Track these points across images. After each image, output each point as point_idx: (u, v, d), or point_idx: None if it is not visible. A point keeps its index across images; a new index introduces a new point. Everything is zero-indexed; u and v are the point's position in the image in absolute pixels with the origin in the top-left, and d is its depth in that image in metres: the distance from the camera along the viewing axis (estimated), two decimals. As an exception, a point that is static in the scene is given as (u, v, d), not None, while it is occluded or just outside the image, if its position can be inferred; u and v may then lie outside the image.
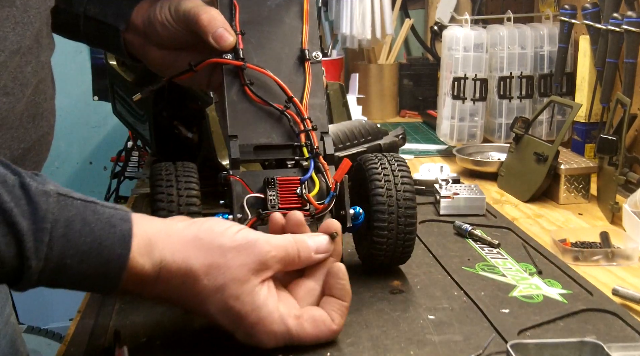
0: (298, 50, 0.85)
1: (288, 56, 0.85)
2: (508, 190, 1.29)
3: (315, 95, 0.84)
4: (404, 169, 0.84)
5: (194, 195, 0.76)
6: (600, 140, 1.16)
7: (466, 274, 0.88)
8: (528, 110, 1.52)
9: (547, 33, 1.52)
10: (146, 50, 0.87)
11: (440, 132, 1.57)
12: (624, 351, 0.66)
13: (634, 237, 1.00)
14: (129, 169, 1.84)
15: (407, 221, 0.82)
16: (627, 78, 1.26)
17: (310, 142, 0.80)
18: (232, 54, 0.82)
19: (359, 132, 1.14)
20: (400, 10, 2.05)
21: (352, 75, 1.99)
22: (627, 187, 1.17)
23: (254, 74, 0.82)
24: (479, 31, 1.50)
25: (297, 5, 0.87)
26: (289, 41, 0.86)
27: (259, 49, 0.84)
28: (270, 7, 0.86)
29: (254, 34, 0.85)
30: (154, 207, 0.75)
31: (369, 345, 0.70)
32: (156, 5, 0.85)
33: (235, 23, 0.84)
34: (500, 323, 0.75)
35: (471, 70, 1.49)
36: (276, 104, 0.82)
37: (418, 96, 2.05)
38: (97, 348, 0.71)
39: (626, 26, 1.23)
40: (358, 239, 0.88)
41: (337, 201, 0.79)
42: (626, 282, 0.90)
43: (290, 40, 0.86)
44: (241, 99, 0.82)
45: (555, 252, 0.98)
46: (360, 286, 0.83)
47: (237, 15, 0.84)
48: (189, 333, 0.73)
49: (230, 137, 0.80)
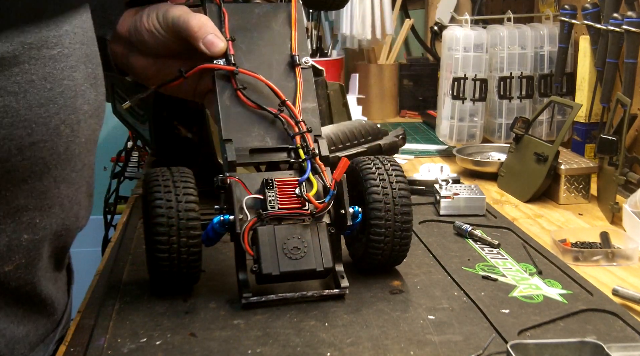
0: (288, 56, 0.86)
1: (278, 62, 0.85)
2: (508, 190, 1.29)
3: (307, 100, 0.84)
4: (397, 168, 0.85)
5: (193, 200, 0.76)
6: (600, 140, 1.16)
7: (466, 274, 0.88)
8: (528, 111, 1.53)
9: (547, 33, 1.52)
10: (130, 60, 0.86)
11: (440, 132, 1.57)
12: (624, 351, 0.66)
13: (634, 237, 1.00)
14: (128, 169, 1.84)
15: (404, 218, 0.82)
16: (627, 78, 1.26)
17: (306, 143, 0.81)
18: (223, 60, 0.82)
19: (359, 132, 1.14)
20: (400, 10, 2.05)
21: (352, 75, 1.99)
22: (627, 187, 1.17)
23: (246, 79, 0.83)
24: (479, 31, 1.50)
25: (285, 12, 0.88)
26: (279, 47, 0.86)
27: (249, 55, 0.84)
28: (258, 14, 0.87)
29: (243, 40, 0.85)
30: (152, 213, 0.75)
31: (369, 345, 0.70)
32: (142, 13, 0.83)
33: (225, 29, 0.84)
34: (500, 323, 0.75)
35: (471, 70, 1.49)
36: (269, 108, 0.82)
37: (418, 96, 2.05)
38: (97, 348, 0.71)
39: (626, 26, 1.23)
40: (351, 241, 0.88)
41: (336, 200, 0.79)
42: (626, 282, 0.90)
43: (280, 46, 0.86)
44: (234, 104, 0.82)
45: (556, 252, 0.98)
46: (360, 286, 0.83)
47: (226, 21, 0.84)
48: (189, 333, 0.73)
49: (224, 141, 0.80)
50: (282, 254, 0.76)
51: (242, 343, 0.71)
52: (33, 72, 0.57)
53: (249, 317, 0.76)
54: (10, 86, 0.55)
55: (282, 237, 0.77)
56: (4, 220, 0.59)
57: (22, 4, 0.56)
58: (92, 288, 0.87)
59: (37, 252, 0.63)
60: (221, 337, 0.72)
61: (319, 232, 0.78)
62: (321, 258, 0.77)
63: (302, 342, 0.71)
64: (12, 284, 0.62)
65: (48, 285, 0.68)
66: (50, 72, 0.58)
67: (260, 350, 0.69)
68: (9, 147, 0.56)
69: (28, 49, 0.56)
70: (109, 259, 0.95)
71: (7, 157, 0.57)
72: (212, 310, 0.78)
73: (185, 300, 0.80)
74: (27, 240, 0.62)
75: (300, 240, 0.77)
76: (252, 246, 0.76)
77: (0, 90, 0.55)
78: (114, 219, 1.82)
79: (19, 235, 0.61)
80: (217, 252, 0.91)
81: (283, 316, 0.76)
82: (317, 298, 0.80)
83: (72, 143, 0.62)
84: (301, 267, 0.77)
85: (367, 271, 0.87)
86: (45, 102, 0.58)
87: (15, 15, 0.55)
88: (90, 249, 1.87)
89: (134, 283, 0.85)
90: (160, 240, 0.75)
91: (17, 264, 0.62)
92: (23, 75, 0.56)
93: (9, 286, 0.62)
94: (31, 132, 0.57)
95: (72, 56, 0.61)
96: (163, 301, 0.80)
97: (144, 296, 0.81)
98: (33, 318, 0.67)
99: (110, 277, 0.88)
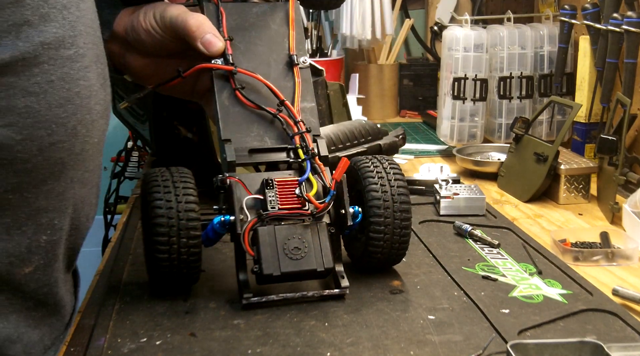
0: (286, 55, 0.86)
1: (276, 61, 0.85)
2: (508, 190, 1.29)
3: (305, 99, 0.84)
4: (394, 166, 0.85)
5: (193, 200, 0.76)
6: (600, 140, 1.16)
7: (466, 274, 0.88)
8: (528, 110, 1.53)
9: (547, 33, 1.52)
10: (127, 59, 0.85)
11: (440, 132, 1.57)
12: (624, 351, 0.66)
13: (634, 237, 1.00)
14: (129, 169, 1.84)
15: (403, 215, 0.82)
16: (627, 78, 1.26)
17: (306, 143, 0.80)
18: (221, 60, 0.82)
19: (359, 132, 1.14)
20: (400, 10, 2.05)
21: (352, 75, 1.99)
22: (627, 187, 1.17)
23: (244, 78, 0.82)
24: (479, 31, 1.50)
25: (282, 12, 0.88)
26: (276, 47, 0.86)
27: (247, 54, 0.84)
28: (256, 13, 0.87)
29: (241, 40, 0.85)
30: (152, 214, 0.75)
31: (369, 345, 0.70)
32: (139, 12, 0.83)
33: (223, 29, 0.83)
34: (500, 323, 0.75)
35: (471, 70, 1.49)
36: (268, 108, 0.82)
37: (418, 96, 2.05)
38: (97, 348, 0.71)
39: (626, 26, 1.23)
40: (349, 241, 0.88)
41: (337, 200, 0.79)
42: (626, 282, 0.90)
43: (278, 46, 0.86)
44: (233, 104, 0.82)
45: (555, 252, 0.98)
46: (360, 286, 0.83)
47: (224, 21, 0.84)
48: (189, 333, 0.73)
49: (223, 141, 0.80)
50: (282, 254, 0.76)
51: (242, 343, 0.71)
52: (52, 73, 0.57)
53: (249, 317, 0.76)
54: (30, 87, 0.56)
55: (283, 237, 0.77)
56: (26, 222, 0.60)
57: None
58: (92, 288, 0.87)
59: (53, 253, 0.64)
60: (221, 337, 0.72)
61: (320, 232, 0.78)
62: (322, 258, 0.77)
63: (302, 342, 0.71)
64: (31, 286, 0.63)
65: (61, 286, 0.68)
66: (68, 73, 0.59)
67: (260, 350, 0.69)
68: (31, 147, 0.57)
69: (47, 49, 0.57)
70: (109, 259, 0.95)
71: (29, 158, 0.57)
72: (212, 310, 0.78)
73: (185, 300, 0.80)
74: (45, 241, 0.62)
75: (300, 240, 0.77)
76: (253, 246, 0.76)
77: (22, 91, 0.56)
78: (114, 219, 1.82)
79: (38, 237, 0.61)
80: (217, 252, 0.91)
81: (283, 316, 0.76)
82: (318, 298, 0.80)
83: (87, 143, 0.63)
84: (302, 267, 0.77)
85: (367, 271, 0.87)
86: (63, 103, 0.59)
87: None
88: (90, 249, 1.87)
89: (134, 283, 0.86)
90: (160, 241, 0.75)
91: (36, 266, 0.62)
92: (43, 75, 0.57)
93: (28, 288, 0.63)
94: (51, 133, 0.58)
95: (86, 56, 0.62)
96: (163, 301, 0.80)
97: (144, 296, 0.81)
98: (48, 321, 0.67)
99: (110, 277, 0.88)
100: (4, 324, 0.61)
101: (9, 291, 0.61)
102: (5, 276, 0.60)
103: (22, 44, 0.55)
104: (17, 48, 0.55)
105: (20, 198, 0.58)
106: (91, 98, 0.62)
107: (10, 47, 0.54)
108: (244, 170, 0.93)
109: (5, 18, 0.54)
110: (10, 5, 0.54)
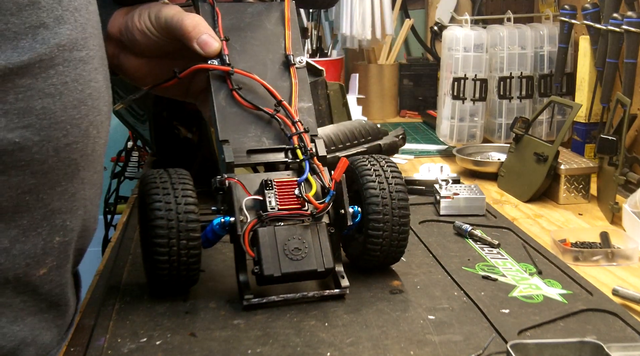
0: (282, 55, 0.85)
1: (273, 61, 0.85)
2: (508, 190, 1.29)
3: (302, 99, 0.84)
4: (392, 165, 0.85)
5: (192, 202, 0.76)
6: (600, 140, 1.16)
7: (466, 274, 0.88)
8: (528, 110, 1.53)
9: (547, 33, 1.52)
10: (121, 60, 0.85)
11: (440, 132, 1.57)
12: (624, 351, 0.66)
13: (634, 237, 1.00)
14: (129, 169, 1.84)
15: (401, 212, 0.82)
16: (627, 78, 1.26)
17: (304, 143, 0.80)
18: (217, 60, 0.82)
19: (359, 132, 1.14)
20: (400, 10, 2.05)
21: (352, 75, 1.99)
22: (627, 187, 1.17)
23: (241, 79, 0.82)
24: (479, 31, 1.50)
25: (278, 11, 0.87)
26: (273, 47, 0.85)
27: (244, 55, 0.84)
28: (251, 13, 0.86)
29: (237, 40, 0.84)
30: (151, 216, 0.75)
31: (369, 345, 0.70)
32: (134, 13, 0.82)
33: (219, 29, 0.83)
34: (500, 323, 0.75)
35: (471, 70, 1.49)
36: (266, 108, 0.82)
37: (418, 96, 2.06)
38: (97, 348, 0.71)
39: (626, 26, 1.23)
40: (348, 240, 0.88)
41: (336, 200, 0.79)
42: (626, 282, 0.90)
43: (274, 46, 0.86)
44: (230, 104, 0.82)
45: (555, 252, 0.98)
46: (360, 286, 0.83)
47: (219, 21, 0.84)
48: (189, 333, 0.73)
49: (221, 142, 0.80)
50: (283, 255, 0.76)
51: (242, 343, 0.71)
52: (67, 74, 0.58)
53: (249, 317, 0.76)
54: (47, 88, 0.57)
55: (283, 237, 0.77)
56: (41, 223, 0.60)
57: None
58: (92, 288, 0.87)
59: (65, 254, 0.64)
60: (221, 337, 0.72)
61: (319, 232, 0.78)
62: (322, 258, 0.77)
63: (302, 342, 0.71)
64: (46, 288, 0.63)
65: (70, 288, 0.68)
66: (80, 74, 0.60)
67: (260, 350, 0.69)
68: (47, 148, 0.57)
69: (62, 51, 0.57)
70: (109, 259, 0.95)
71: (45, 159, 0.58)
72: (212, 310, 0.78)
73: (185, 300, 0.80)
74: (58, 243, 0.62)
75: (300, 240, 0.77)
76: (253, 247, 0.76)
77: (39, 92, 0.56)
78: (114, 219, 1.83)
79: (52, 238, 0.62)
80: (217, 252, 0.91)
81: (283, 316, 0.76)
82: (318, 298, 0.80)
83: (97, 144, 0.63)
84: (302, 268, 0.76)
85: (367, 271, 0.87)
86: (77, 104, 0.59)
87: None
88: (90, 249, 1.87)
89: (134, 283, 0.86)
90: (159, 243, 0.75)
91: (50, 267, 0.62)
92: (58, 77, 0.57)
93: (43, 289, 0.63)
94: (66, 133, 0.59)
95: (96, 58, 0.62)
96: (163, 301, 0.80)
97: (144, 296, 0.81)
98: (58, 323, 0.67)
99: (110, 277, 0.88)
100: (20, 327, 0.61)
101: (25, 294, 0.61)
102: (23, 279, 0.60)
103: (38, 46, 0.55)
104: (34, 50, 0.55)
105: (36, 200, 0.59)
106: (100, 99, 0.63)
107: (28, 49, 0.55)
108: (243, 170, 0.93)
109: (22, 20, 0.54)
110: (27, 8, 0.55)
